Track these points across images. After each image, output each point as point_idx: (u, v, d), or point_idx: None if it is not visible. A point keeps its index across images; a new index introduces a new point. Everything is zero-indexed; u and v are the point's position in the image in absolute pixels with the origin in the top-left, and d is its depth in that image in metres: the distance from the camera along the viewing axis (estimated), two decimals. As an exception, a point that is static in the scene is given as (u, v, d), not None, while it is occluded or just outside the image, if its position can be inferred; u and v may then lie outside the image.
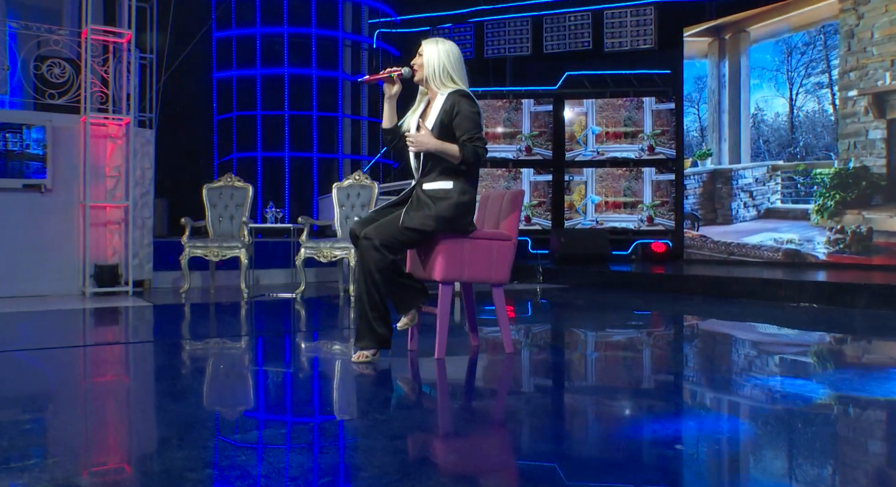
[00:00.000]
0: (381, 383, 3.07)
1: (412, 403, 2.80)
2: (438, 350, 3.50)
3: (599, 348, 4.15)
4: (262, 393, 2.94)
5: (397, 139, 3.67)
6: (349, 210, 7.00)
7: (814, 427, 2.31)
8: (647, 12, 9.97)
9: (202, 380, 3.16)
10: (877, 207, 7.87)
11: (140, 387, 3.09)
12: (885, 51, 7.85)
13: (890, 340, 4.34)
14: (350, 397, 2.89)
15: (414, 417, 2.48)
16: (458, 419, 2.52)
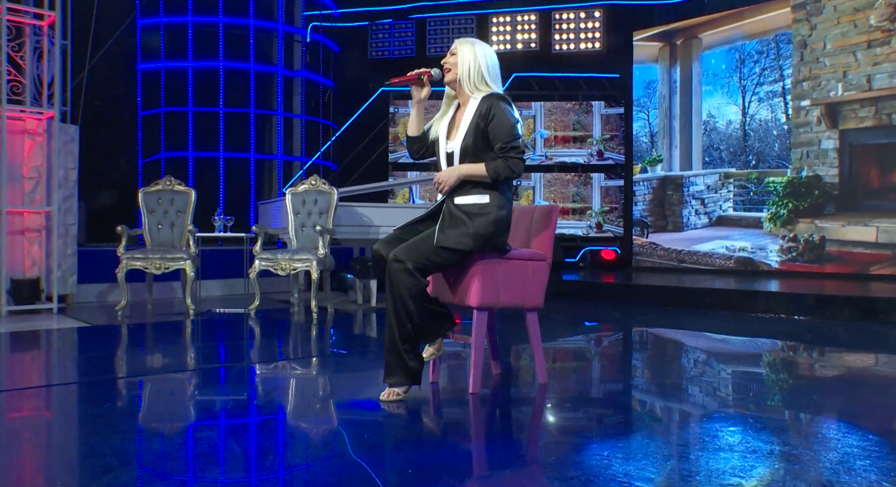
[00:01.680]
0: (426, 437, 2.59)
1: (490, 465, 2.33)
2: (473, 384, 3.09)
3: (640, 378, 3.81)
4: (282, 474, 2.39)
5: (425, 148, 3.24)
6: (305, 217, 6.43)
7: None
8: (596, 15, 9.80)
9: (163, 458, 2.53)
10: (829, 216, 7.93)
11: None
12: (837, 62, 7.93)
13: (841, 350, 4.21)
14: (397, 459, 2.37)
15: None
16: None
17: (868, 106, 7.69)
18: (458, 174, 3.01)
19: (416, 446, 2.38)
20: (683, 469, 2.09)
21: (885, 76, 7.59)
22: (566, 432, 2.65)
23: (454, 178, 3.02)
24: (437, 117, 3.27)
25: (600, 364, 4.17)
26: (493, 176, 2.98)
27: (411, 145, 3.23)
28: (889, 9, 7.58)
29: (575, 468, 2.09)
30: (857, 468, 2.09)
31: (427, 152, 3.26)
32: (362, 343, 4.87)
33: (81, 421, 2.76)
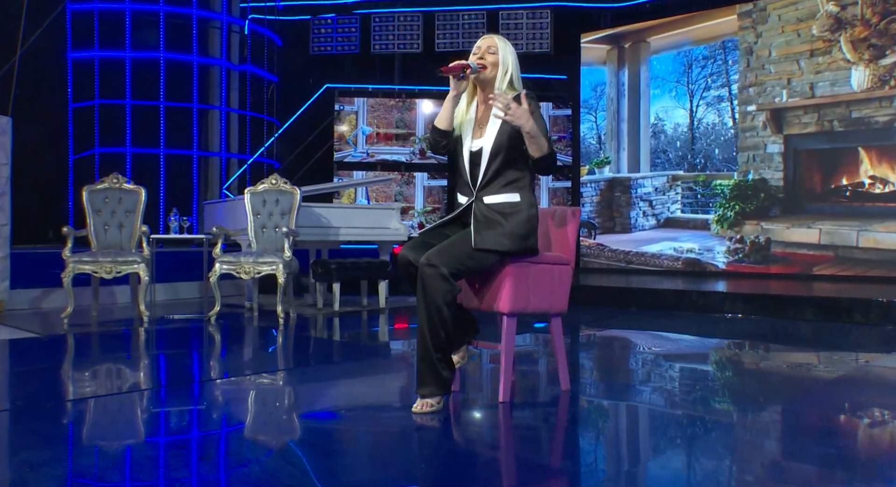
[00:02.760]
0: (476, 456, 2.42)
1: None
2: (503, 392, 2.95)
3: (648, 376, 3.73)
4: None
5: (452, 144, 3.06)
6: (266, 218, 6.11)
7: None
8: (544, 15, 9.80)
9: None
10: (774, 218, 8.17)
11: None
12: (781, 69, 8.17)
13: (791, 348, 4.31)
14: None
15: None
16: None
17: (811, 112, 7.96)
18: (531, 124, 2.75)
19: (484, 465, 2.22)
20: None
21: (827, 84, 7.87)
22: (629, 446, 2.54)
23: (524, 120, 2.74)
24: (459, 113, 3.09)
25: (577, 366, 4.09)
26: (548, 151, 2.82)
27: (440, 139, 3.02)
28: (830, 20, 7.86)
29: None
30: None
31: (450, 147, 3.09)
32: (351, 350, 4.64)
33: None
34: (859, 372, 3.84)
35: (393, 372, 3.93)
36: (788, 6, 8.13)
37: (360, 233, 6.87)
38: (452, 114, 3.05)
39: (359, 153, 9.61)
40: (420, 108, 9.80)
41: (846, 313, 5.55)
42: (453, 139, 3.08)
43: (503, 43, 3.05)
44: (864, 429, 2.75)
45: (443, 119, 3.03)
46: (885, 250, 7.45)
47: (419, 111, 9.79)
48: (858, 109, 7.69)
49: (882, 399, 3.25)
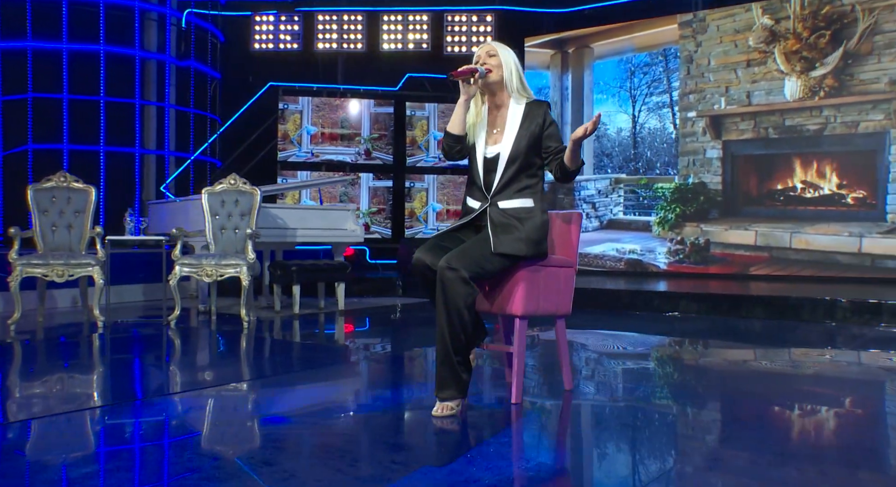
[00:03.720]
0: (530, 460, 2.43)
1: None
2: (516, 394, 2.98)
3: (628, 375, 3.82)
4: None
5: (462, 148, 3.07)
6: (225, 219, 5.94)
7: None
8: (488, 19, 9.88)
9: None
10: (713, 220, 8.50)
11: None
12: (720, 78, 8.51)
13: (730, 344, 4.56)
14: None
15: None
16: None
17: (748, 119, 8.32)
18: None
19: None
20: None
21: (763, 93, 8.25)
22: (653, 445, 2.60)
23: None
24: (471, 119, 3.10)
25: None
26: (578, 165, 2.92)
27: (454, 144, 3.03)
28: (765, 33, 8.24)
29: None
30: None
31: (464, 152, 3.10)
32: (332, 354, 4.56)
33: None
34: (804, 366, 4.05)
35: (392, 375, 3.89)
36: (726, 18, 8.48)
37: (317, 234, 6.77)
38: (465, 119, 3.06)
39: (303, 153, 9.45)
40: (364, 108, 9.72)
41: (794, 311, 5.83)
42: (467, 143, 3.09)
43: (501, 47, 3.10)
44: (799, 419, 2.91)
45: (455, 124, 3.03)
46: (815, 251, 7.87)
47: (364, 111, 9.71)
48: (791, 118, 8.09)
49: (820, 390, 3.44)
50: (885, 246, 7.54)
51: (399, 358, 4.42)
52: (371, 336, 5.49)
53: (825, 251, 7.82)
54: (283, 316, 6.11)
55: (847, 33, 7.78)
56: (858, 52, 7.72)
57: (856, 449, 2.47)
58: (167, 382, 3.59)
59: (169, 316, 5.47)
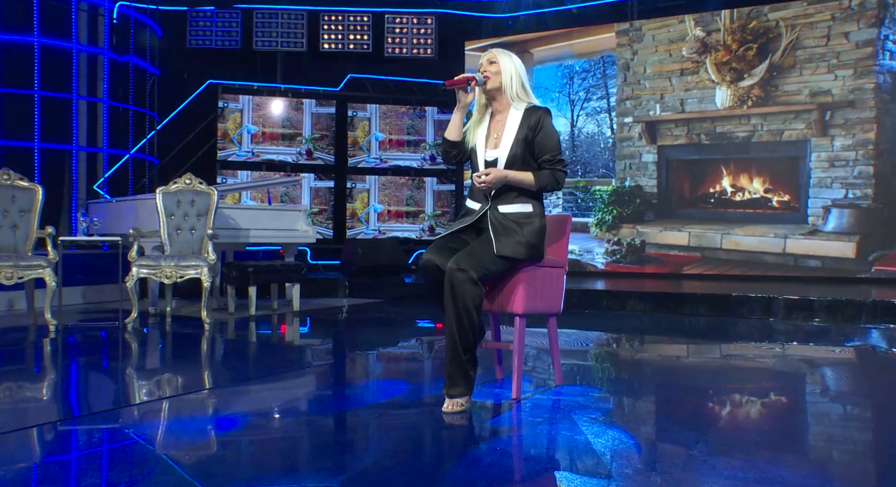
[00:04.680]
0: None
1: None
2: (517, 390, 3.10)
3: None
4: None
5: (462, 153, 3.17)
6: (181, 220, 5.82)
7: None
8: (429, 21, 9.97)
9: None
10: (649, 222, 8.86)
11: None
12: (655, 85, 8.89)
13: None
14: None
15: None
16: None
17: (681, 126, 8.73)
18: (503, 177, 3.00)
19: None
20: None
21: (695, 101, 8.66)
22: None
23: (500, 182, 3.00)
24: (472, 124, 3.21)
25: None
26: (539, 186, 3.04)
27: (451, 149, 3.14)
28: (697, 43, 8.66)
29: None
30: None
31: (463, 157, 3.20)
32: (309, 355, 4.56)
33: None
34: (747, 359, 4.34)
35: (383, 372, 3.94)
36: (661, 28, 8.86)
37: (269, 234, 6.72)
38: (461, 126, 3.16)
39: (244, 152, 9.31)
40: (306, 108, 9.65)
41: (735, 308, 6.18)
42: (465, 148, 3.19)
43: (502, 54, 3.18)
44: (731, 410, 3.16)
45: (452, 130, 3.13)
46: (744, 251, 8.32)
47: (305, 111, 9.64)
48: (722, 125, 8.53)
49: (749, 383, 3.72)
50: (806, 247, 8.05)
51: (379, 358, 4.46)
52: (339, 336, 5.50)
53: (753, 251, 8.28)
54: (238, 317, 6.04)
55: (772, 47, 8.27)
56: (782, 64, 8.22)
57: (785, 436, 2.70)
58: (149, 390, 3.54)
59: (126, 319, 5.33)
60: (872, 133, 7.79)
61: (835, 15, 7.99)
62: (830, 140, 7.95)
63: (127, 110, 8.17)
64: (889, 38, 7.81)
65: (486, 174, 2.97)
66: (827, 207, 7.95)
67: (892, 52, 7.81)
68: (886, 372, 4.03)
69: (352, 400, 3.25)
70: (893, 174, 7.76)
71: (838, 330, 5.39)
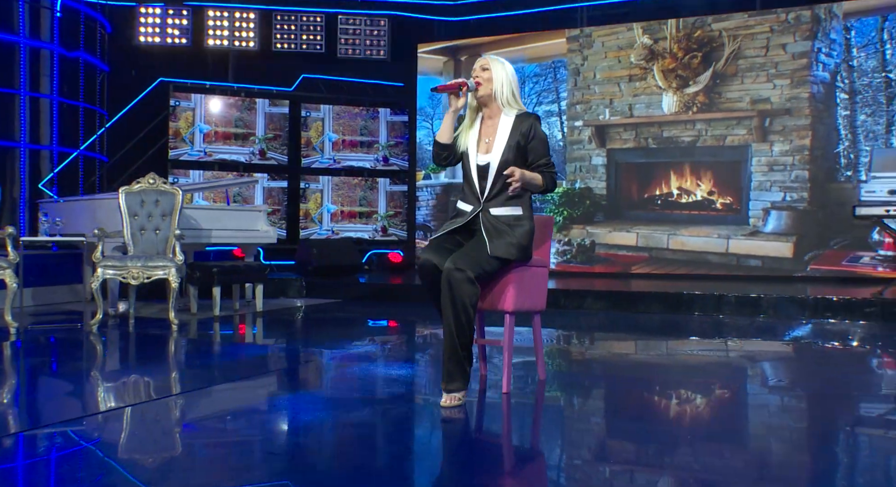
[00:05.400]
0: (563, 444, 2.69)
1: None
2: (506, 384, 3.24)
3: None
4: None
5: (452, 156, 3.27)
6: (145, 220, 5.76)
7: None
8: (382, 23, 10.04)
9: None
10: (598, 223, 9.14)
11: None
12: (605, 90, 9.17)
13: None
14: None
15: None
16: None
17: (630, 130, 9.03)
18: (522, 175, 3.05)
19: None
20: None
21: (643, 106, 8.98)
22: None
23: (525, 180, 3.06)
24: (463, 128, 3.31)
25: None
26: (545, 188, 3.15)
27: (441, 151, 3.24)
28: (645, 51, 8.98)
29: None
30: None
31: (454, 160, 3.30)
32: (288, 355, 4.60)
33: None
34: (701, 354, 4.61)
35: (367, 370, 4.02)
36: (611, 35, 9.15)
37: (230, 234, 6.70)
38: (452, 129, 3.26)
39: (196, 151, 9.21)
40: (259, 108, 9.60)
41: (687, 306, 6.47)
42: (455, 151, 3.29)
43: (495, 61, 3.28)
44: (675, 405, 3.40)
45: (444, 133, 3.23)
46: (690, 251, 8.68)
47: (258, 111, 9.59)
48: (668, 130, 8.86)
49: (709, 376, 3.98)
50: (747, 247, 8.45)
51: (353, 356, 4.54)
52: (314, 336, 5.53)
53: (697, 251, 8.64)
54: (202, 317, 6.00)
55: (715, 56, 8.65)
56: (725, 73, 8.60)
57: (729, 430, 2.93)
58: (135, 393, 3.54)
59: (91, 321, 5.26)
60: (808, 139, 8.23)
61: (773, 27, 8.41)
62: (770, 145, 8.37)
63: (77, 107, 7.98)
64: (822, 51, 8.27)
65: (512, 174, 2.99)
66: (766, 209, 8.36)
67: (824, 64, 8.27)
68: (828, 365, 4.32)
69: (345, 395, 3.33)
70: (827, 178, 8.22)
71: (783, 326, 5.72)
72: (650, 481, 2.20)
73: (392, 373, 3.87)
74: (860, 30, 8.17)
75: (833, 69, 8.23)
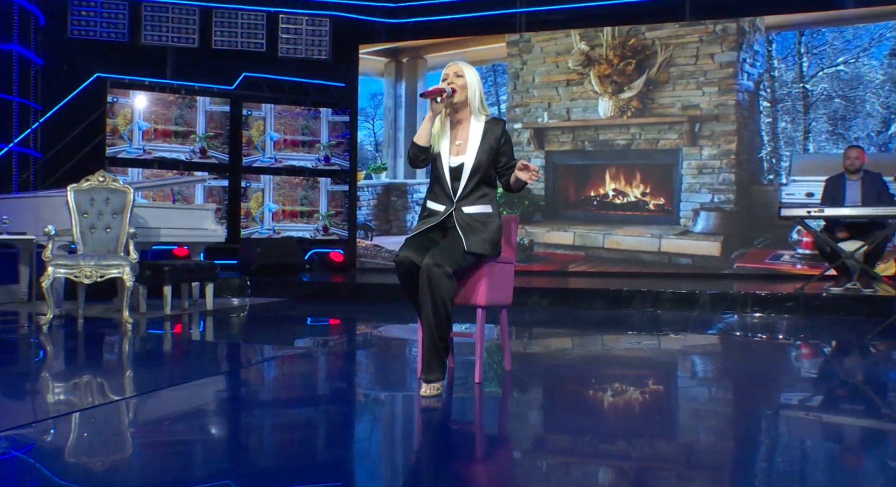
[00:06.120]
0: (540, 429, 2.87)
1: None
2: (479, 374, 3.42)
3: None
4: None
5: (428, 158, 3.42)
6: (95, 218, 5.68)
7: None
8: (323, 23, 10.08)
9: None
10: (537, 223, 9.43)
11: None
12: (543, 94, 9.47)
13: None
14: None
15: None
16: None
17: (567, 133, 9.35)
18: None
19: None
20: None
21: (580, 110, 9.32)
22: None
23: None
24: (435, 132, 3.44)
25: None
26: (521, 187, 3.36)
27: (419, 154, 3.37)
28: (582, 57, 9.32)
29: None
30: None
31: (427, 161, 3.44)
32: (253, 352, 4.65)
33: None
34: (642, 348, 4.92)
35: (348, 365, 4.12)
36: (549, 41, 9.46)
37: (179, 233, 6.67)
38: (430, 133, 3.41)
39: (135, 149, 9.05)
40: (200, 106, 9.51)
41: (626, 301, 6.79)
42: (430, 154, 3.45)
43: (467, 68, 3.47)
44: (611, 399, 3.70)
45: (422, 136, 3.38)
46: (624, 250, 9.06)
47: (199, 109, 9.50)
48: (604, 133, 9.23)
49: (652, 368, 4.29)
50: (678, 246, 8.88)
51: (313, 352, 4.63)
52: (272, 333, 5.58)
53: (632, 250, 9.03)
54: (152, 317, 5.97)
55: (649, 63, 9.06)
56: (658, 80, 9.02)
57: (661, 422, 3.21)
58: (114, 390, 3.56)
59: (41, 321, 5.17)
60: (734, 144, 8.72)
61: (702, 37, 8.87)
62: (699, 149, 8.83)
63: (10, 101, 7.75)
64: (746, 62, 8.78)
65: (528, 167, 3.23)
66: (696, 210, 8.82)
67: (749, 73, 8.78)
68: (756, 354, 4.67)
69: (330, 386, 3.44)
70: (751, 181, 8.72)
71: (716, 319, 6.09)
72: (606, 452, 2.41)
73: (349, 368, 4.00)
74: (781, 43, 8.71)
75: (757, 79, 8.74)
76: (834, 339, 5.11)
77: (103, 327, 5.40)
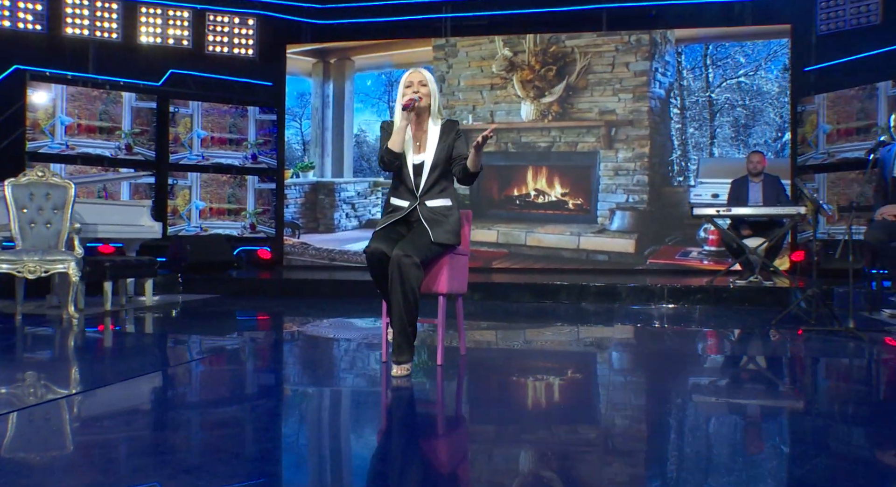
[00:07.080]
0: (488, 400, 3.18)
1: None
2: (441, 357, 3.71)
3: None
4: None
5: (398, 162, 3.66)
6: (34, 213, 5.64)
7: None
8: (250, 22, 10.12)
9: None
10: (462, 221, 9.77)
11: None
12: (468, 97, 9.84)
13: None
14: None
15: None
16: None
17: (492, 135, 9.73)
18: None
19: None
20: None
21: (504, 113, 9.74)
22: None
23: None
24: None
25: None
26: (478, 169, 3.65)
27: (392, 159, 3.63)
28: (505, 62, 9.74)
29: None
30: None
31: (397, 163, 3.70)
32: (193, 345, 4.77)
33: None
34: (567, 339, 5.35)
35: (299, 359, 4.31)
36: (474, 46, 9.84)
37: (115, 230, 6.65)
38: (404, 139, 3.68)
39: (57, 144, 8.86)
40: (126, 102, 9.39)
41: (553, 295, 7.22)
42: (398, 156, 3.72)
43: (430, 76, 3.78)
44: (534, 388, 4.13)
45: (397, 143, 3.65)
46: (546, 247, 9.53)
47: (125, 105, 9.37)
48: (526, 135, 9.68)
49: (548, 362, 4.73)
50: (596, 243, 9.43)
51: (259, 345, 4.81)
52: (211, 327, 5.68)
53: (552, 247, 9.51)
54: (91, 313, 5.96)
55: (569, 70, 9.56)
56: (577, 86, 9.54)
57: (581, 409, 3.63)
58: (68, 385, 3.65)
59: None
60: (647, 148, 9.33)
61: (618, 47, 9.44)
62: (615, 152, 9.39)
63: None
64: (659, 71, 9.40)
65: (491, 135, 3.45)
66: (612, 210, 9.38)
67: (661, 82, 9.41)
68: (675, 341, 5.16)
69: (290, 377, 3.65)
70: (662, 183, 9.35)
71: (638, 310, 6.59)
72: (547, 416, 2.76)
73: (310, 355, 4.21)
74: (689, 55, 9.38)
75: (668, 87, 9.38)
76: (739, 327, 5.65)
77: (44, 324, 5.39)
